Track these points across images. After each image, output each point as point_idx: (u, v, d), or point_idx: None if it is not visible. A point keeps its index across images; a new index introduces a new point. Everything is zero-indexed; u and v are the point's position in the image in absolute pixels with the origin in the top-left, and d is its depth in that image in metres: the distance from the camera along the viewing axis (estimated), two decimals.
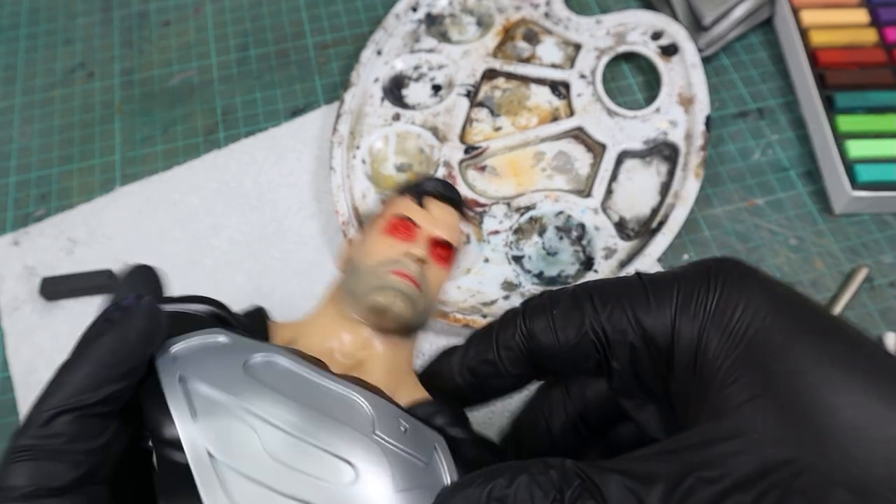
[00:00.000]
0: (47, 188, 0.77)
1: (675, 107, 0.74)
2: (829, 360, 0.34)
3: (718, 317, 0.37)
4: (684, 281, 0.39)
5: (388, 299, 0.46)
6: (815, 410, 0.33)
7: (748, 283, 0.38)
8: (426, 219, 0.51)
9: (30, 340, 0.68)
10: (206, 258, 0.71)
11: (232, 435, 0.36)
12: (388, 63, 0.80)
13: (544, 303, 0.43)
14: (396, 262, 0.48)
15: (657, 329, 0.39)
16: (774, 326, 0.36)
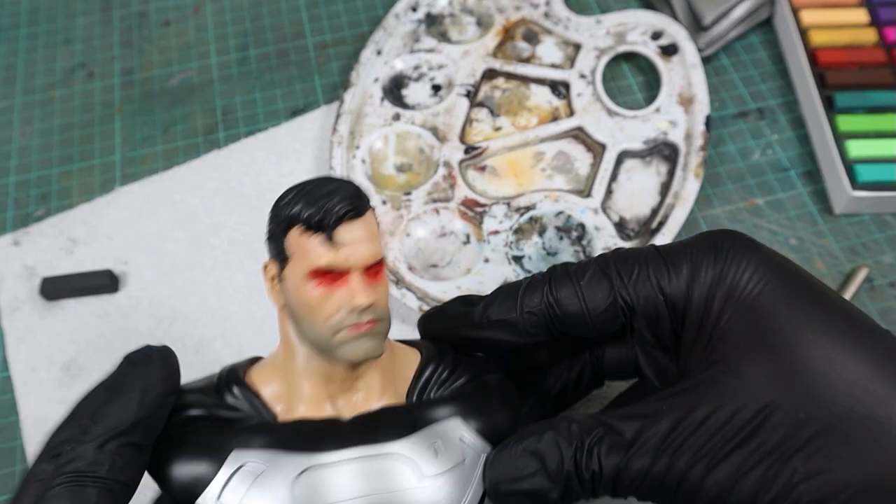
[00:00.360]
0: (47, 188, 0.77)
1: (675, 107, 0.74)
2: (812, 320, 0.41)
3: (724, 281, 0.44)
4: (695, 250, 0.45)
5: (361, 351, 0.44)
6: (796, 361, 0.40)
7: (750, 252, 0.44)
8: (346, 258, 0.43)
9: (30, 340, 0.68)
10: (207, 258, 0.71)
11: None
12: (387, 63, 0.80)
13: (570, 272, 0.48)
14: (346, 319, 0.43)
15: (676, 295, 0.45)
16: (769, 290, 0.43)
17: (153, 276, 0.71)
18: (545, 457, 0.43)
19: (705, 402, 0.41)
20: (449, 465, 0.44)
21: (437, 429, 0.45)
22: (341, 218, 0.43)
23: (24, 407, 0.65)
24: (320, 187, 0.44)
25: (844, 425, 0.38)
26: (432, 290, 0.67)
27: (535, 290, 0.48)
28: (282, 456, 0.42)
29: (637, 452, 0.41)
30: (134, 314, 0.69)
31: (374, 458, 0.43)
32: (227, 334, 0.67)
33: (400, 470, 0.43)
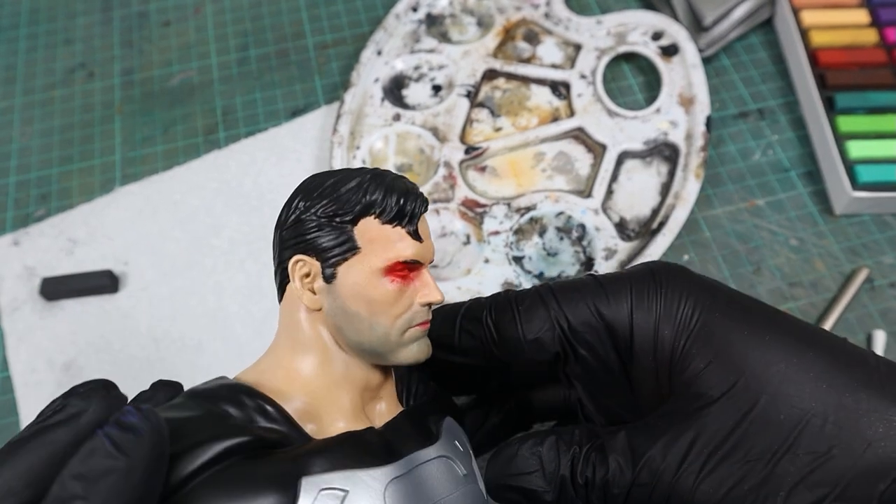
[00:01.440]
0: (47, 188, 0.77)
1: (676, 107, 0.74)
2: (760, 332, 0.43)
3: (667, 310, 0.45)
4: (634, 281, 0.46)
5: (423, 352, 0.43)
6: (758, 370, 0.42)
7: (686, 279, 0.46)
8: (424, 252, 0.42)
9: (30, 340, 0.68)
10: (207, 258, 0.71)
11: None
12: (388, 63, 0.80)
13: (511, 298, 0.48)
14: (417, 315, 0.42)
15: (616, 321, 0.46)
16: (710, 313, 0.44)
17: (153, 276, 0.71)
18: (544, 459, 0.44)
19: (691, 425, 0.42)
20: (468, 456, 0.45)
21: (448, 427, 0.45)
22: (416, 214, 0.42)
23: (24, 407, 0.65)
24: (391, 178, 0.42)
25: (820, 420, 0.40)
26: None
27: (474, 313, 0.49)
28: (357, 473, 0.38)
29: (626, 464, 0.42)
30: (134, 314, 0.69)
31: (430, 462, 0.41)
32: (227, 335, 0.67)
33: (450, 471, 0.42)
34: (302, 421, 0.40)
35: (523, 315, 0.47)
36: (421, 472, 0.40)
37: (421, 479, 0.40)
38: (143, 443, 0.31)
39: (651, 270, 0.46)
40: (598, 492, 0.43)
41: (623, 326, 0.45)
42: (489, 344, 0.48)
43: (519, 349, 0.47)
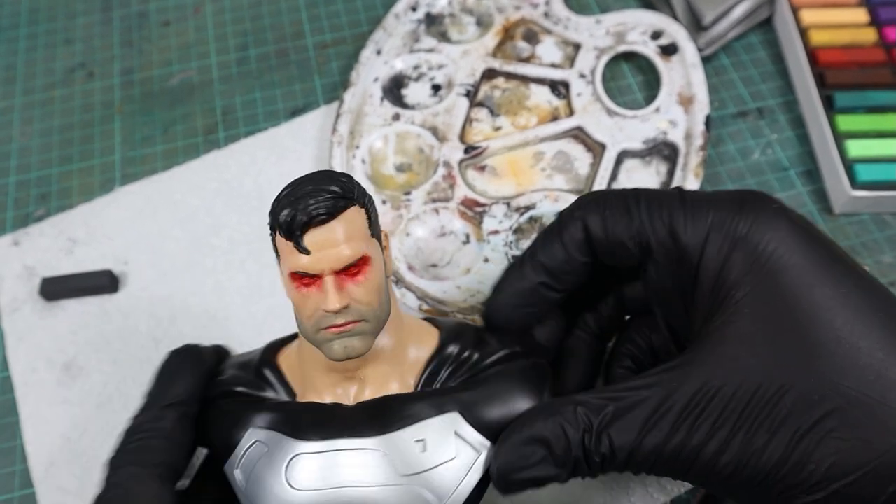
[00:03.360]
0: (47, 188, 0.77)
1: (675, 106, 0.75)
2: (834, 299, 0.41)
3: (744, 246, 0.43)
4: (718, 206, 0.45)
5: (342, 351, 0.45)
6: (812, 340, 0.40)
7: (779, 219, 0.44)
8: (314, 263, 0.44)
9: (30, 340, 0.68)
10: (207, 258, 0.72)
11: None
12: (387, 63, 0.80)
13: (598, 201, 0.49)
14: (323, 320, 0.45)
15: (689, 246, 0.45)
16: (792, 263, 0.42)
17: (153, 276, 0.71)
18: (552, 443, 0.43)
19: (719, 377, 0.41)
20: (434, 463, 0.45)
21: (428, 424, 0.46)
22: (307, 224, 0.43)
23: (24, 407, 0.65)
24: (296, 190, 0.44)
25: (856, 409, 0.39)
26: (432, 289, 0.67)
27: (570, 219, 0.49)
28: (282, 439, 0.46)
29: (652, 429, 0.42)
30: (134, 314, 0.69)
31: (358, 451, 0.45)
32: (228, 335, 0.67)
33: (382, 465, 0.45)
34: (294, 383, 0.50)
35: (608, 220, 0.47)
36: (337, 456, 0.45)
37: (333, 463, 0.45)
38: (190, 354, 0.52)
39: (741, 199, 0.45)
40: (619, 465, 0.43)
41: (693, 252, 0.45)
42: (587, 242, 0.49)
43: (610, 253, 0.48)
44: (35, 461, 0.63)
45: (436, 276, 0.68)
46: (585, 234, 0.48)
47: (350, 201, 0.45)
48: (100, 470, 0.47)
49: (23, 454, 0.64)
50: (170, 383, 0.50)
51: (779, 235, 0.43)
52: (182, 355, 0.52)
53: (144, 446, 0.46)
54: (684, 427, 0.41)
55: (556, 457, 0.43)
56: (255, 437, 0.47)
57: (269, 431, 0.47)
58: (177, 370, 0.51)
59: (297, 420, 0.47)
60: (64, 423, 0.64)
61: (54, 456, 0.63)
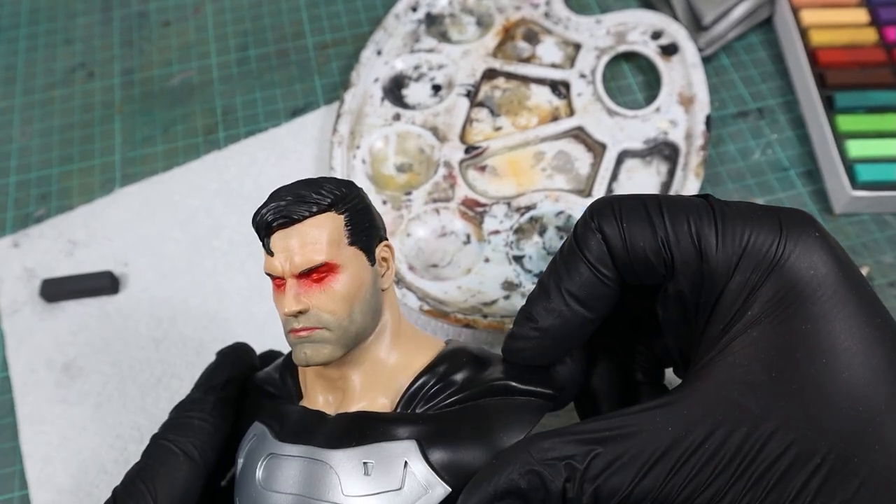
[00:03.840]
0: (47, 188, 0.77)
1: (676, 106, 0.75)
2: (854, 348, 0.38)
3: (777, 278, 0.39)
4: (756, 228, 0.40)
5: (302, 357, 0.46)
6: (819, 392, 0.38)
7: (821, 251, 0.40)
8: (276, 265, 0.45)
9: (29, 342, 0.69)
10: (207, 259, 0.72)
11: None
12: (388, 63, 0.80)
13: (613, 207, 0.44)
14: (288, 323, 0.46)
15: (715, 269, 0.41)
16: (823, 311, 0.38)
17: (153, 277, 0.71)
18: (528, 496, 0.40)
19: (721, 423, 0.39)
20: (377, 489, 0.43)
21: (381, 448, 0.44)
22: (270, 227, 0.45)
23: (23, 407, 0.66)
24: (274, 195, 0.46)
25: (858, 472, 0.37)
26: (433, 290, 0.67)
27: (585, 232, 0.44)
28: (266, 438, 0.48)
29: (647, 475, 0.39)
30: (134, 316, 0.69)
31: (312, 461, 0.45)
32: (228, 336, 0.68)
33: (328, 480, 0.44)
34: (305, 386, 0.51)
35: (627, 231, 0.43)
36: (283, 461, 0.46)
37: (279, 467, 0.46)
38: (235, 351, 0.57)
39: (779, 220, 0.41)
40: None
41: (720, 277, 0.41)
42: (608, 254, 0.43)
43: (629, 267, 0.43)
44: (31, 461, 0.63)
45: (436, 277, 0.69)
46: (607, 247, 0.43)
47: (322, 208, 0.45)
48: (97, 470, 0.51)
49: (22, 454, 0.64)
50: (214, 372, 0.54)
51: (818, 272, 0.39)
52: (228, 351, 0.57)
53: (184, 423, 0.51)
54: (680, 475, 0.38)
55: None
56: (255, 430, 0.49)
57: (263, 426, 0.49)
58: (222, 362, 0.55)
59: (286, 420, 0.48)
60: (62, 424, 0.65)
61: (51, 455, 0.63)
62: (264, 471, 0.46)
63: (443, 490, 0.43)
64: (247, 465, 0.48)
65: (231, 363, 0.55)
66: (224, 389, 0.53)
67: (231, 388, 0.54)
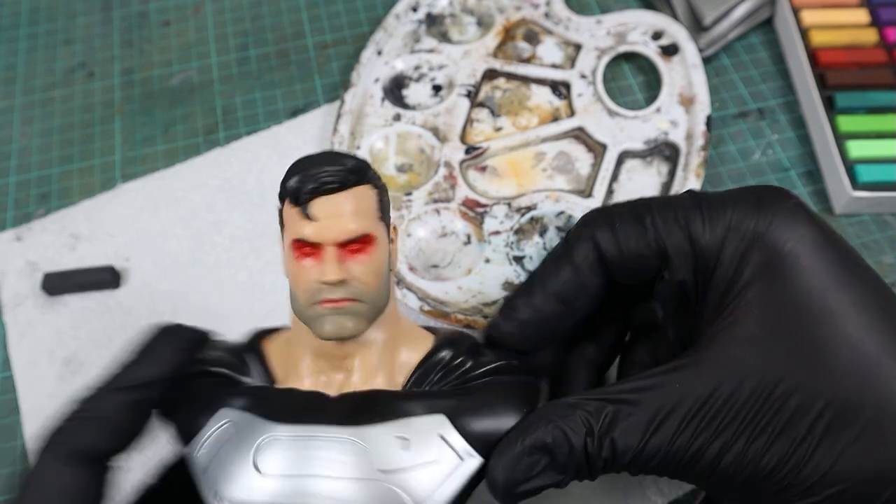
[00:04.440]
0: (47, 188, 0.78)
1: (676, 107, 0.75)
2: (844, 306, 0.41)
3: (762, 244, 0.43)
4: (736, 206, 0.45)
5: (333, 328, 0.45)
6: (820, 344, 0.40)
7: (797, 218, 0.44)
8: (318, 231, 0.45)
9: (31, 335, 0.69)
10: (208, 255, 0.73)
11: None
12: (388, 63, 0.81)
13: (604, 216, 0.48)
14: (318, 293, 0.45)
15: (707, 249, 0.45)
16: (807, 266, 0.42)
17: (155, 272, 0.72)
18: (554, 450, 0.42)
19: (724, 379, 0.41)
20: (414, 463, 0.43)
21: (413, 421, 0.44)
22: (315, 192, 0.45)
23: (25, 401, 0.66)
24: (310, 161, 0.46)
25: (859, 414, 0.39)
26: (433, 290, 0.68)
27: (579, 239, 0.48)
28: (254, 420, 0.45)
29: (656, 432, 0.41)
30: (135, 310, 0.70)
31: (332, 440, 0.44)
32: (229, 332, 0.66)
33: (354, 458, 0.43)
34: (277, 369, 0.50)
35: (620, 233, 0.47)
36: (311, 443, 0.44)
37: (307, 450, 0.44)
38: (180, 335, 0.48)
39: (758, 197, 0.45)
40: (622, 466, 0.43)
41: (711, 255, 0.44)
42: (599, 262, 0.48)
43: (622, 268, 0.47)
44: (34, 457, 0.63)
45: (437, 277, 0.69)
46: (597, 253, 0.47)
47: (362, 178, 0.46)
48: None
49: (24, 454, 0.64)
50: (136, 364, 0.46)
51: (796, 234, 0.43)
52: (166, 335, 0.48)
53: (79, 428, 0.43)
54: (689, 430, 0.41)
55: (559, 463, 0.42)
56: (226, 417, 0.46)
57: (240, 412, 0.45)
58: (150, 349, 0.47)
59: (273, 403, 0.46)
60: None
61: None
62: (265, 456, 0.44)
63: (476, 461, 0.44)
64: (227, 457, 0.44)
65: (164, 353, 0.47)
66: (145, 389, 0.45)
67: (154, 388, 0.46)
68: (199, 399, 0.47)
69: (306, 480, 0.43)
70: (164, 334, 0.48)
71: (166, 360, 0.46)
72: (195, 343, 0.49)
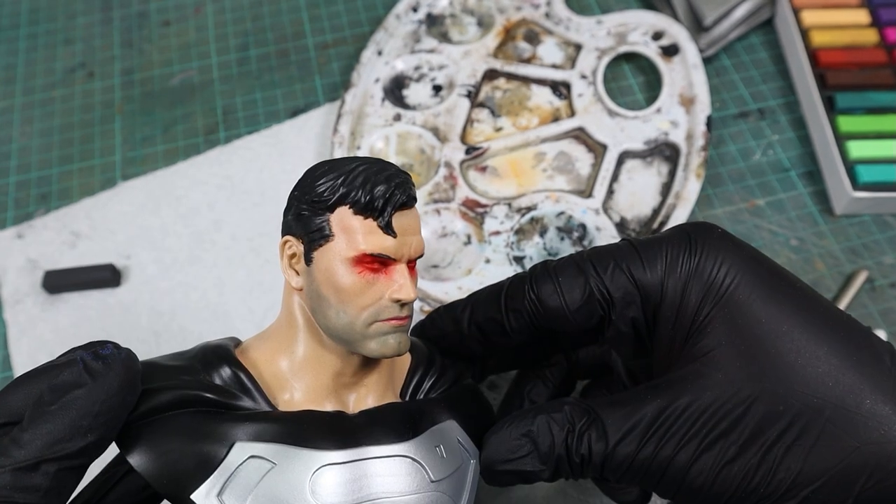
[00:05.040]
0: (47, 188, 0.79)
1: (676, 107, 0.76)
2: (785, 313, 0.44)
3: (699, 275, 0.46)
4: (670, 244, 0.47)
5: (394, 346, 0.44)
6: (772, 353, 0.43)
7: (724, 245, 0.46)
8: (400, 248, 0.43)
9: (31, 333, 0.70)
10: (208, 253, 0.73)
11: None
12: (388, 63, 0.82)
13: (548, 271, 0.50)
14: (386, 310, 0.43)
15: (650, 286, 0.47)
16: (744, 284, 0.45)
17: (155, 270, 0.73)
18: (538, 439, 0.46)
19: (688, 393, 0.43)
20: (452, 469, 0.45)
21: (439, 431, 0.46)
22: (403, 204, 0.43)
23: None
24: (376, 169, 0.43)
25: (818, 415, 0.41)
26: (433, 290, 0.68)
27: (517, 289, 0.50)
28: (294, 451, 0.42)
29: (623, 440, 0.44)
30: (135, 308, 0.71)
31: (384, 459, 0.43)
32: (228, 330, 0.69)
33: (409, 472, 0.43)
34: (277, 388, 0.45)
35: (563, 286, 0.48)
36: (368, 465, 0.43)
37: (364, 472, 0.42)
38: (110, 371, 0.39)
39: (687, 233, 0.47)
40: (596, 468, 0.45)
41: (655, 291, 0.47)
42: (535, 318, 0.49)
43: (564, 318, 0.49)
44: None
45: (437, 277, 0.70)
46: (533, 309, 0.49)
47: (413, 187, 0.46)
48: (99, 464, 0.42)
49: None
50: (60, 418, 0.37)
51: (728, 260, 0.46)
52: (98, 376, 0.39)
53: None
54: (653, 440, 0.43)
55: (541, 453, 0.45)
56: (249, 452, 0.41)
57: (268, 445, 0.41)
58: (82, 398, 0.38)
59: (304, 430, 0.43)
60: None
61: None
62: (322, 486, 0.41)
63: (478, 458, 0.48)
64: (275, 495, 0.41)
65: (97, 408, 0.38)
66: (75, 458, 0.37)
67: (86, 455, 0.38)
68: (194, 435, 0.42)
69: (368, 503, 0.42)
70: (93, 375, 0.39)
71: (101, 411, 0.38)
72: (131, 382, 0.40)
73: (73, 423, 0.37)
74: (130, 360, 0.40)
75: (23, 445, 0.36)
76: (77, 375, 0.39)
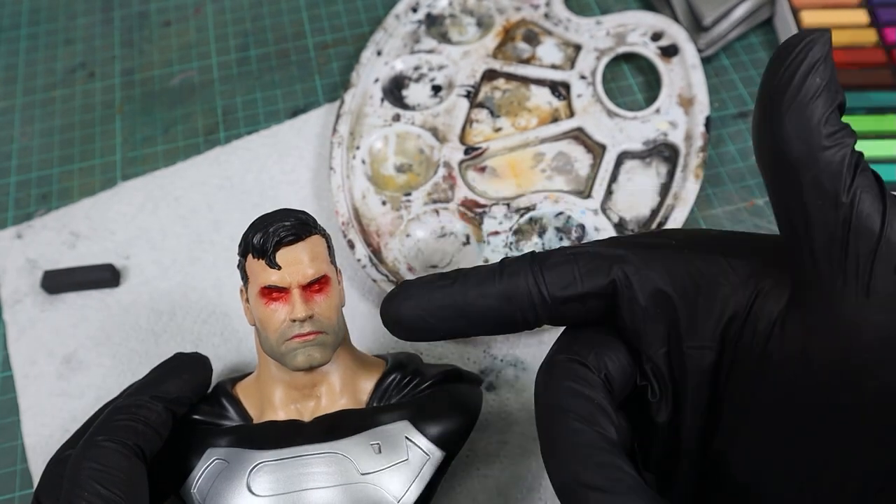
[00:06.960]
0: (48, 188, 0.80)
1: (675, 108, 0.77)
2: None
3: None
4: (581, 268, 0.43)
5: (305, 359, 0.53)
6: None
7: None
8: (283, 277, 0.53)
9: (31, 333, 0.71)
10: (208, 254, 0.74)
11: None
12: (388, 63, 0.82)
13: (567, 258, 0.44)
14: (289, 330, 0.53)
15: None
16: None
17: (154, 271, 0.74)
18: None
19: None
20: (389, 464, 0.52)
21: (382, 430, 0.53)
22: (279, 243, 0.53)
23: (24, 399, 0.68)
24: (267, 219, 0.54)
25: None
26: None
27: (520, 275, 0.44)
28: (243, 452, 0.53)
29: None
30: (134, 309, 0.72)
31: (315, 456, 0.52)
32: (226, 330, 0.70)
33: (342, 465, 0.52)
34: (251, 409, 0.57)
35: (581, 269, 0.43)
36: (300, 462, 0.52)
37: (296, 468, 0.52)
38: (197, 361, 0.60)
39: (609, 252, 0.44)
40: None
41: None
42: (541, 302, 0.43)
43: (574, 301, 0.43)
44: (32, 454, 0.65)
45: None
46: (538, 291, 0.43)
47: (313, 230, 0.55)
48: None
49: (23, 454, 0.66)
50: (165, 379, 0.55)
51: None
52: (186, 360, 0.59)
53: (127, 427, 0.50)
54: None
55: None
56: (215, 455, 0.53)
57: (228, 449, 0.53)
58: (176, 370, 0.57)
59: (257, 436, 0.54)
60: (63, 416, 0.67)
61: (52, 448, 0.63)
62: (258, 480, 0.52)
63: (440, 454, 0.54)
64: (222, 488, 0.52)
65: (188, 376, 0.57)
66: (175, 403, 0.54)
67: (180, 405, 0.55)
68: (185, 445, 0.55)
69: (299, 495, 0.51)
70: (187, 361, 0.59)
71: (189, 382, 0.56)
72: (206, 375, 0.59)
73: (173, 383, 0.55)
74: (206, 360, 0.61)
75: (149, 390, 0.54)
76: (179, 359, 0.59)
